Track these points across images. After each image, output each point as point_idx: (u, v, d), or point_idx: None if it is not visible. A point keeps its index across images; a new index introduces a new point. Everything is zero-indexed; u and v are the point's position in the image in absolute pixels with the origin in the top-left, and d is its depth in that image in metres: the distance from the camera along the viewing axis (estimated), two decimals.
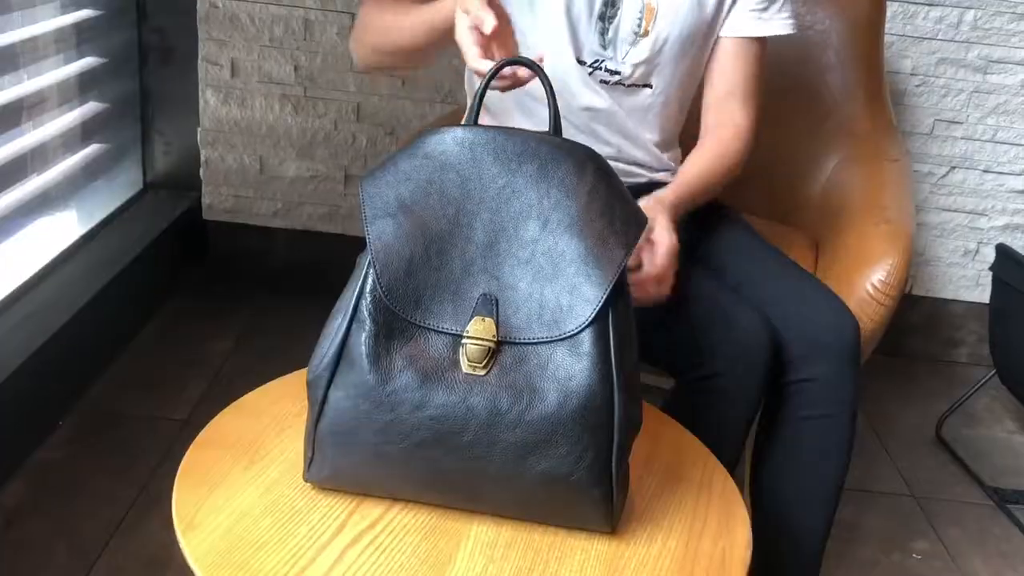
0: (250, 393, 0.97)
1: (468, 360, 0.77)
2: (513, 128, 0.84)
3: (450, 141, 0.82)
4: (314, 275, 2.21)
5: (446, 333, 0.78)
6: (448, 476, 0.79)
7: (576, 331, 0.77)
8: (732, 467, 1.02)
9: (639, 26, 1.18)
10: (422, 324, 0.78)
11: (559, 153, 0.81)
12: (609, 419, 0.78)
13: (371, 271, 0.79)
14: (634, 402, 0.80)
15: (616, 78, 1.21)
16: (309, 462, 0.82)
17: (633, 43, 1.19)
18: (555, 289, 0.78)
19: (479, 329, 0.78)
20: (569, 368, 0.77)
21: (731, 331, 1.06)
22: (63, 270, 1.79)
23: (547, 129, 0.85)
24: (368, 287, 0.78)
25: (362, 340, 0.77)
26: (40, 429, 1.59)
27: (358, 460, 0.80)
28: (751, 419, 1.11)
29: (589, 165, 0.82)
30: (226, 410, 0.94)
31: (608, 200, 0.81)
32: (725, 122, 1.25)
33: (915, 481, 1.81)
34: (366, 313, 0.78)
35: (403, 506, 0.83)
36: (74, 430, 1.62)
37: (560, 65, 1.17)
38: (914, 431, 1.97)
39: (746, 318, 1.07)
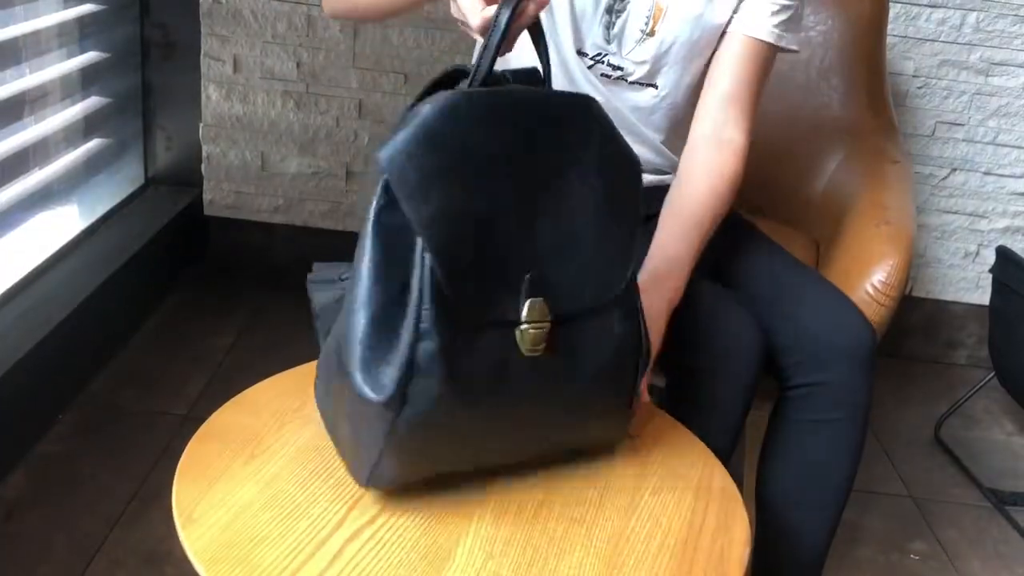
0: (251, 388, 0.97)
1: (529, 346, 0.78)
2: (513, 88, 0.82)
3: (462, 111, 0.76)
4: None
5: (505, 322, 0.77)
6: (500, 443, 0.84)
7: (616, 295, 0.83)
8: (724, 463, 1.02)
9: (646, 24, 1.16)
10: (484, 320, 0.76)
11: (567, 113, 0.81)
12: (638, 353, 0.86)
13: (426, 274, 0.73)
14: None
15: (618, 73, 1.18)
16: (369, 473, 0.79)
17: (639, 41, 1.17)
18: (589, 259, 0.82)
19: (535, 313, 0.78)
20: (613, 327, 0.83)
21: (718, 329, 1.06)
22: (64, 264, 1.79)
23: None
24: (428, 295, 0.73)
25: (433, 353, 0.73)
26: (40, 422, 1.59)
27: (433, 457, 0.81)
28: (741, 417, 1.11)
29: (595, 127, 0.83)
30: (227, 404, 0.94)
31: (610, 160, 0.83)
32: (720, 138, 1.16)
33: (914, 482, 1.81)
34: (432, 325, 0.73)
35: (403, 501, 0.83)
36: (74, 424, 1.62)
37: (559, 55, 1.16)
38: (913, 432, 1.98)
39: (734, 316, 1.07)
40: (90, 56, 1.90)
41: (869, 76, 1.75)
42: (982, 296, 2.17)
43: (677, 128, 1.24)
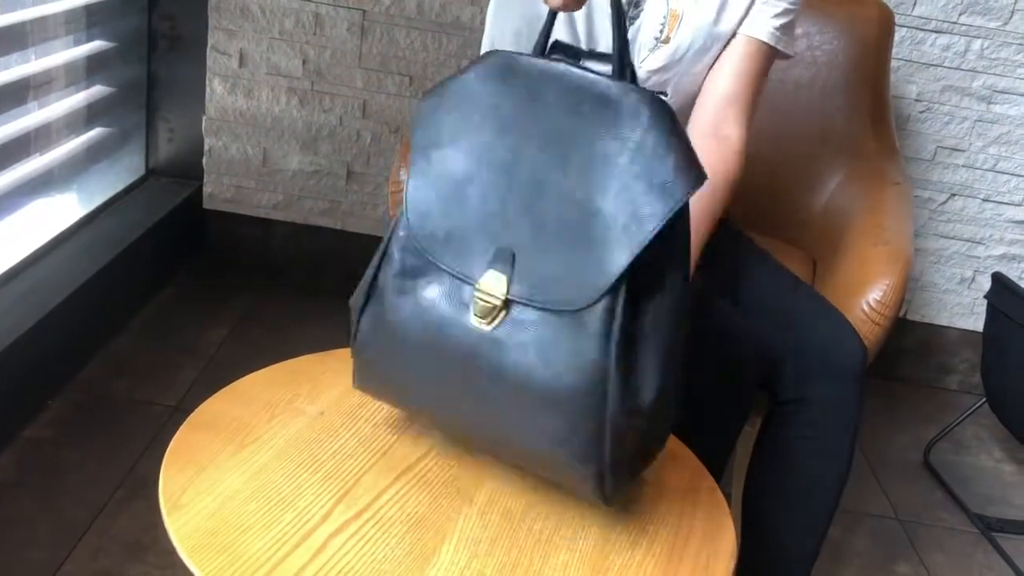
0: (243, 378, 0.97)
1: (475, 313, 0.77)
2: (575, 65, 0.79)
3: (517, 66, 0.78)
4: (311, 269, 2.21)
5: (462, 279, 0.78)
6: (459, 408, 0.82)
7: (585, 306, 0.74)
8: (717, 478, 1.02)
9: (661, 32, 1.15)
10: (443, 265, 0.79)
11: (614, 96, 0.75)
12: (602, 402, 0.74)
13: (406, 208, 0.81)
14: (632, 391, 0.75)
15: None
16: (354, 374, 0.87)
17: (653, 48, 1.16)
18: (577, 255, 0.75)
19: (490, 284, 0.77)
20: (571, 343, 0.74)
21: (721, 344, 1.05)
22: (61, 251, 1.78)
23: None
24: (400, 225, 0.81)
25: (390, 276, 0.81)
26: (30, 407, 1.58)
27: (391, 377, 0.85)
28: (737, 431, 1.11)
29: (643, 113, 0.74)
30: (218, 394, 0.94)
31: (651, 159, 0.74)
32: (720, 135, 1.15)
33: (901, 504, 1.81)
34: (395, 250, 0.81)
35: (390, 497, 0.83)
36: (64, 410, 1.61)
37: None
38: (902, 455, 1.98)
39: (738, 331, 1.07)
40: (97, 44, 1.90)
41: (872, 98, 1.76)
42: (976, 322, 2.17)
43: (680, 119, 1.24)
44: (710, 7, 1.15)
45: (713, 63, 1.19)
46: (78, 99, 1.86)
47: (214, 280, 2.13)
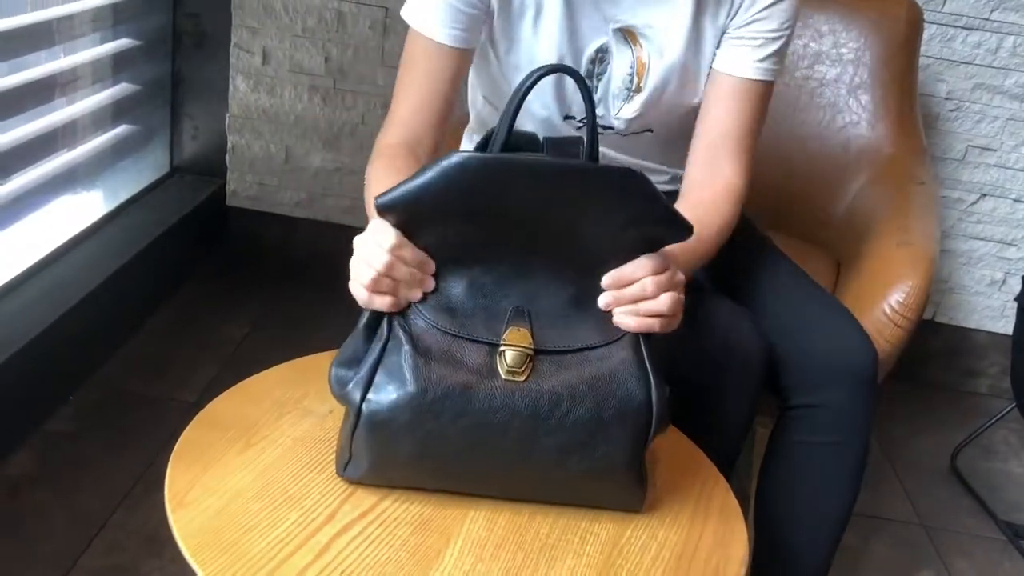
0: (253, 376, 0.97)
1: (507, 366, 0.78)
2: (533, 156, 0.81)
3: (477, 167, 0.77)
4: (333, 267, 2.20)
5: (482, 342, 0.79)
6: (488, 475, 0.82)
7: (612, 340, 0.80)
8: (726, 477, 1.00)
9: (631, 82, 1.11)
10: (458, 334, 0.79)
11: (601, 174, 0.80)
12: (648, 418, 0.81)
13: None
14: (666, 395, 0.82)
15: (610, 132, 1.15)
16: (345, 463, 0.82)
17: (627, 99, 1.12)
18: (589, 309, 0.82)
19: (516, 337, 0.79)
20: (607, 372, 0.80)
21: (729, 346, 1.04)
22: (85, 247, 1.80)
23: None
24: (410, 309, 0.80)
25: (401, 353, 0.78)
26: (50, 402, 1.60)
27: (399, 463, 0.80)
28: (744, 430, 1.09)
29: (634, 188, 0.79)
30: (228, 392, 0.94)
31: (645, 227, 0.82)
32: (713, 181, 1.09)
33: (926, 510, 1.78)
34: (400, 330, 0.79)
35: (396, 498, 0.82)
36: (84, 406, 1.63)
37: (548, 122, 1.13)
38: (928, 460, 1.94)
39: (745, 333, 1.05)
40: (122, 42, 1.92)
41: (900, 96, 1.73)
42: (1006, 325, 2.13)
43: (671, 152, 1.21)
44: (676, 46, 1.10)
45: (698, 85, 1.13)
46: (104, 96, 1.88)
47: (236, 277, 2.14)
